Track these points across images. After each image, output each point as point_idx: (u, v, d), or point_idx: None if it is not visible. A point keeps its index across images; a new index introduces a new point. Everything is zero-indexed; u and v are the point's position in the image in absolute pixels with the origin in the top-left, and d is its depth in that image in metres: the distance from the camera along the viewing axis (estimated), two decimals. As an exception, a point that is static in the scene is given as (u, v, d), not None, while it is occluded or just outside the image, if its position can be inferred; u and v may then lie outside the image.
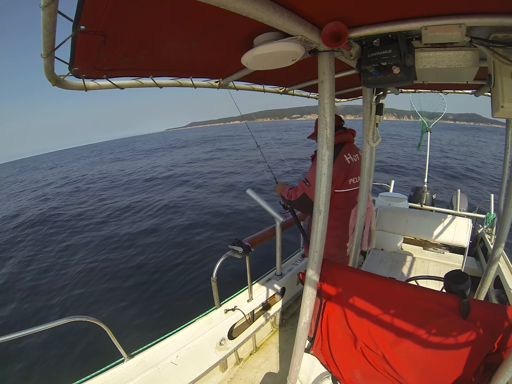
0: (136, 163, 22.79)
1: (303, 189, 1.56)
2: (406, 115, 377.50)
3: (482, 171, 13.44)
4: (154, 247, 5.65)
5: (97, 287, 4.43)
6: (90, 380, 1.29)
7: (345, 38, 0.76)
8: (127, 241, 6.12)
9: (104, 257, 5.50)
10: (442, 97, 3.56)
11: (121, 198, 10.46)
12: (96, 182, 15.41)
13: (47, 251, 6.17)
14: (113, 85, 1.13)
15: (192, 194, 9.86)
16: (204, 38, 0.89)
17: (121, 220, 7.75)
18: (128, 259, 5.28)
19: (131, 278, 4.61)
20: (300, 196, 1.58)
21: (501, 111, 0.87)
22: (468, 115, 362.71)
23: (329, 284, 1.25)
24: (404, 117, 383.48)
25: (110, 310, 3.81)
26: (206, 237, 5.91)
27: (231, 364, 1.89)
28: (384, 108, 1.45)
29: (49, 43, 0.63)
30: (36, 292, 4.52)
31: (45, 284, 4.74)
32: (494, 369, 0.83)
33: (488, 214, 3.14)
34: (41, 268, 5.36)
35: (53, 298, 4.27)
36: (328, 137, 0.93)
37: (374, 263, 2.56)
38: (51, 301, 4.21)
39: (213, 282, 1.64)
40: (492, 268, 1.68)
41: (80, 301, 4.14)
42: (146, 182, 13.24)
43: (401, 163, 14.61)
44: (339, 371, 1.18)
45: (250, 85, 1.74)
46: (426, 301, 1.00)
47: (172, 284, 4.34)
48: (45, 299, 4.28)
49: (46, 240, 6.94)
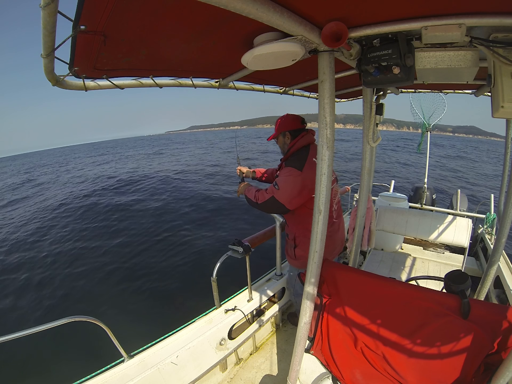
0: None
1: (272, 192, 1.56)
2: (406, 126, 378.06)
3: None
4: (154, 247, 5.65)
5: (97, 287, 4.43)
6: (90, 380, 1.29)
7: (345, 38, 0.76)
8: (127, 241, 6.12)
9: (104, 257, 5.50)
10: (442, 97, 3.57)
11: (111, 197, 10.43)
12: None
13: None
14: (113, 85, 1.13)
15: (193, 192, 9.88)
16: (204, 38, 0.89)
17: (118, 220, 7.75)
18: (128, 259, 5.28)
19: (131, 278, 4.61)
20: (268, 199, 1.57)
21: (501, 111, 0.87)
22: (467, 128, 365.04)
23: (329, 284, 1.25)
24: (404, 127, 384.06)
25: (110, 310, 3.81)
26: (206, 237, 5.91)
27: (231, 364, 1.89)
28: (384, 109, 1.45)
29: (49, 43, 0.63)
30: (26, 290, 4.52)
31: (46, 284, 4.74)
32: (494, 369, 0.83)
33: (488, 214, 3.14)
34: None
35: (53, 299, 4.28)
36: (328, 137, 0.93)
37: (374, 263, 2.56)
38: (51, 301, 4.21)
39: (213, 282, 1.64)
40: (492, 268, 1.68)
41: (80, 301, 4.14)
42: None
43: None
44: (339, 371, 1.18)
45: (250, 85, 1.74)
46: (426, 301, 1.00)
47: (172, 284, 4.34)
48: (45, 297, 4.28)
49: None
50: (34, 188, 15.38)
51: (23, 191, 15.19)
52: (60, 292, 4.43)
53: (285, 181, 1.55)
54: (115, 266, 5.08)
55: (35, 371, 2.96)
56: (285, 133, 1.73)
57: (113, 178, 14.10)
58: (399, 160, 17.99)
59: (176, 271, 4.71)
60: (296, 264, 1.83)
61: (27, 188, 15.84)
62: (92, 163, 26.96)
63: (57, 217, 8.48)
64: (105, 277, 4.74)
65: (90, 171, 19.80)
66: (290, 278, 2.01)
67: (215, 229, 6.39)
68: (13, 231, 7.75)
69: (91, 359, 2.82)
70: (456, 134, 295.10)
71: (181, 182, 12.09)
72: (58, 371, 2.87)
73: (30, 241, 6.77)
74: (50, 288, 4.59)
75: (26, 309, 4.07)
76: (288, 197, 1.54)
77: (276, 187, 1.56)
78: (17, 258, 5.83)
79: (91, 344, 3.08)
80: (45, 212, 9.33)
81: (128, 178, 13.55)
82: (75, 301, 4.16)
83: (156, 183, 12.00)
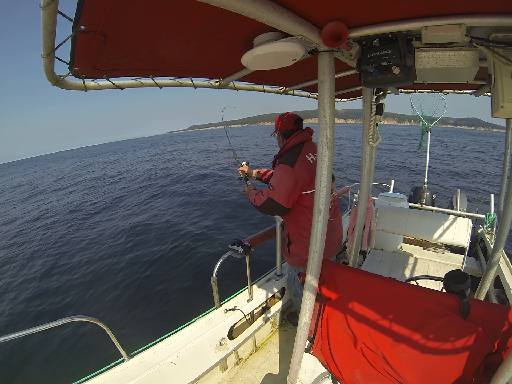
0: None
1: (268, 194, 1.57)
2: (407, 120, 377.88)
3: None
4: (154, 247, 5.65)
5: (97, 287, 4.43)
6: (90, 380, 1.29)
7: (345, 38, 0.76)
8: (126, 242, 6.12)
9: (104, 257, 5.50)
10: (442, 97, 3.56)
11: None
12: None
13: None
14: (113, 85, 1.13)
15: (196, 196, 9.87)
16: (204, 38, 0.89)
17: (115, 219, 7.75)
18: (127, 259, 5.28)
19: (131, 278, 4.61)
20: (265, 201, 1.58)
21: (501, 111, 0.87)
22: (469, 120, 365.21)
23: (329, 284, 1.25)
24: (405, 121, 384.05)
25: (110, 310, 3.81)
26: (206, 237, 5.91)
27: (231, 364, 1.89)
28: (384, 109, 1.45)
29: (49, 43, 0.63)
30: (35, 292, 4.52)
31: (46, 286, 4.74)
32: (494, 369, 0.83)
33: (488, 214, 3.14)
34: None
35: (52, 298, 4.28)
36: (328, 137, 0.93)
37: (374, 263, 2.56)
38: (50, 301, 4.21)
39: (213, 282, 1.64)
40: (492, 268, 1.68)
41: (80, 301, 4.14)
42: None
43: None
44: (339, 371, 1.18)
45: (250, 85, 1.74)
46: (426, 301, 1.00)
47: (172, 284, 4.34)
48: (44, 299, 4.28)
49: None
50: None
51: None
52: (60, 292, 4.43)
53: (279, 180, 1.56)
54: (115, 266, 5.08)
55: (35, 371, 2.96)
56: (279, 133, 1.78)
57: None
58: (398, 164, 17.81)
59: (176, 271, 4.71)
60: (290, 262, 1.84)
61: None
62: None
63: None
64: (105, 277, 4.74)
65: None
66: (290, 278, 2.02)
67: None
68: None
69: (91, 359, 2.83)
70: (458, 127, 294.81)
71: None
72: (58, 371, 2.88)
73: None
74: (49, 288, 4.60)
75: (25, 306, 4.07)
76: (283, 196, 1.55)
77: (271, 187, 1.56)
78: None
79: (91, 344, 3.08)
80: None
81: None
82: (75, 301, 4.16)
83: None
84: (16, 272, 5.42)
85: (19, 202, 14.09)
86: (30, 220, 9.60)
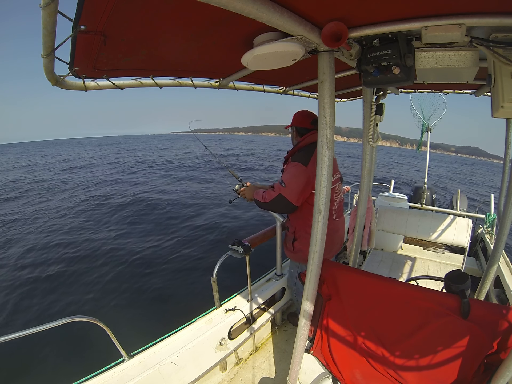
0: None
1: (279, 190, 1.56)
2: (409, 143, 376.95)
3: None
4: (154, 247, 5.65)
5: (97, 287, 4.43)
6: (90, 380, 1.29)
7: (345, 38, 0.76)
8: (126, 242, 6.12)
9: (104, 257, 5.50)
10: (442, 97, 3.57)
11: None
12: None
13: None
14: (113, 85, 1.13)
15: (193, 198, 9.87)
16: (204, 38, 0.89)
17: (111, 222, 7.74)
18: (127, 259, 5.28)
19: (131, 278, 4.61)
20: (275, 197, 1.57)
21: (501, 111, 0.87)
22: (470, 149, 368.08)
23: (329, 284, 1.25)
24: (407, 145, 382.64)
25: (110, 310, 3.81)
26: (206, 237, 5.91)
27: (231, 364, 1.89)
28: (384, 109, 1.45)
29: (49, 43, 0.63)
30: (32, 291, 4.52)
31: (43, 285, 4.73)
32: (494, 369, 0.83)
33: (488, 214, 3.15)
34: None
35: (52, 298, 4.27)
36: (328, 137, 0.93)
37: (374, 263, 2.56)
38: (49, 300, 4.21)
39: (213, 282, 1.64)
40: (492, 268, 1.68)
41: (80, 301, 4.13)
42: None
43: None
44: (339, 371, 1.18)
45: (250, 85, 1.74)
46: (426, 301, 1.00)
47: (172, 284, 4.34)
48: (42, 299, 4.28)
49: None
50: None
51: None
52: (59, 292, 4.43)
53: (291, 177, 1.55)
54: (114, 266, 5.08)
55: (35, 371, 2.95)
56: (294, 128, 1.76)
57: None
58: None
59: (176, 270, 4.71)
60: (294, 257, 1.83)
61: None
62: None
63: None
64: (105, 277, 4.74)
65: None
66: (290, 277, 2.01)
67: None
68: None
69: (91, 359, 2.82)
70: (459, 154, 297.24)
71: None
72: (58, 371, 2.87)
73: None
74: (49, 287, 4.60)
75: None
76: (295, 194, 1.54)
77: (283, 184, 1.55)
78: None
79: (91, 344, 3.08)
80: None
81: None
82: (75, 301, 4.16)
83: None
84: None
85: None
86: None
